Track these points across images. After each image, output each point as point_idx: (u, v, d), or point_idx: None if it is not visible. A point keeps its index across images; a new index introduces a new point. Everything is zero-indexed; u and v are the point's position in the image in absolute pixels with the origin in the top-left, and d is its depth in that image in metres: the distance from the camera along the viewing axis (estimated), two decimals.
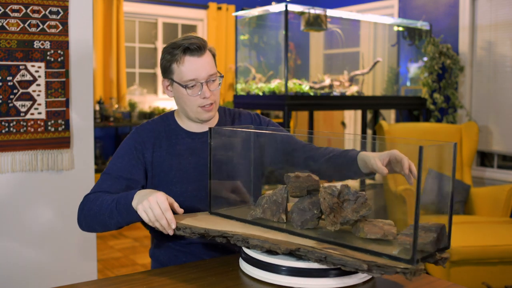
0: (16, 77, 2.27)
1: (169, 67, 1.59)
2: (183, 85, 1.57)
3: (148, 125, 1.69)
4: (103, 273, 3.67)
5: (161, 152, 1.64)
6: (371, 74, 4.73)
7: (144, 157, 1.63)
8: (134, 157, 1.62)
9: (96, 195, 1.56)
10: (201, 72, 1.57)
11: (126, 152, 1.63)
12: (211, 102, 1.60)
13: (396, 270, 1.12)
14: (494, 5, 4.27)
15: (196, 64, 1.56)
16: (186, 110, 1.63)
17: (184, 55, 1.56)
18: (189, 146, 1.65)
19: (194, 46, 1.55)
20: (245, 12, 4.24)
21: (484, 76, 4.38)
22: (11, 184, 2.31)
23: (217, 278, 1.31)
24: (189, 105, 1.60)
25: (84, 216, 1.55)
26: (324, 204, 1.28)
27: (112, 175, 1.60)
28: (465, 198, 3.87)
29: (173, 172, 1.62)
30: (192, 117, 1.64)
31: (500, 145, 4.28)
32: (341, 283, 1.24)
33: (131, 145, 1.64)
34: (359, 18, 4.60)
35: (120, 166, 1.61)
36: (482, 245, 3.08)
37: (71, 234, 2.46)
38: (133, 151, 1.62)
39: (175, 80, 1.59)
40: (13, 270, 2.32)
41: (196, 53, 1.56)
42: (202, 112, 1.61)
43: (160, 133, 1.67)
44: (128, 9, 5.55)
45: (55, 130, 2.37)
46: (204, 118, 1.62)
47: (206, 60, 1.58)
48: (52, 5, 2.34)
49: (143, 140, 1.64)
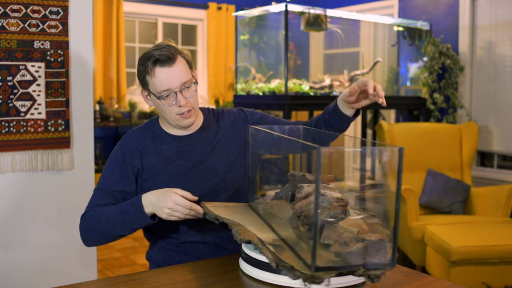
0: (16, 77, 2.27)
1: (144, 79, 1.59)
2: (158, 96, 1.57)
3: (133, 134, 1.70)
4: (103, 273, 3.67)
5: (149, 158, 1.65)
6: (371, 74, 4.73)
7: (133, 167, 1.64)
8: (124, 170, 1.64)
9: (96, 211, 1.58)
10: (174, 82, 1.56)
11: (115, 165, 1.65)
12: (188, 109, 1.60)
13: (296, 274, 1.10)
14: (494, 5, 4.27)
15: (167, 75, 1.55)
16: (166, 119, 1.64)
17: (155, 67, 1.55)
18: (176, 150, 1.67)
19: (164, 57, 1.54)
20: (245, 12, 4.24)
21: (484, 76, 4.38)
22: (11, 184, 2.31)
23: (217, 278, 1.31)
24: (167, 114, 1.61)
25: (90, 234, 1.59)
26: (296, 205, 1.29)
27: (105, 191, 1.63)
28: (465, 198, 3.87)
29: (161, 176, 1.64)
30: (172, 124, 1.65)
31: (500, 145, 4.28)
32: (341, 283, 1.24)
33: (119, 158, 1.66)
34: (359, 18, 4.60)
35: (112, 180, 1.63)
36: (482, 245, 3.08)
37: (71, 234, 2.46)
38: (122, 164, 1.64)
39: (151, 91, 1.60)
40: (13, 270, 2.32)
41: (166, 64, 1.55)
42: (181, 120, 1.61)
43: (146, 139, 1.68)
44: (128, 9, 5.55)
45: (55, 130, 2.37)
46: (184, 125, 1.63)
47: (178, 69, 1.57)
48: (52, 5, 2.34)
49: (130, 150, 1.66)
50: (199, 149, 1.67)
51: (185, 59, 1.61)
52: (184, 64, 1.59)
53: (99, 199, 1.62)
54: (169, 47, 1.57)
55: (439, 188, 3.86)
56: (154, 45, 1.60)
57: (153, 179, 1.64)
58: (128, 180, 1.63)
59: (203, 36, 6.14)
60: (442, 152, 4.08)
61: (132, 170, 1.64)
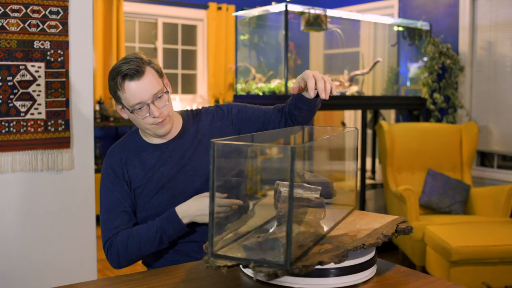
0: (16, 77, 2.27)
1: (115, 94, 1.59)
2: (131, 110, 1.58)
3: (115, 148, 1.71)
4: (103, 273, 3.67)
5: (135, 169, 1.67)
6: (371, 74, 4.73)
7: (125, 179, 1.67)
8: (121, 184, 1.66)
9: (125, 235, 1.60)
10: (144, 94, 1.56)
11: (112, 183, 1.66)
12: (162, 118, 1.60)
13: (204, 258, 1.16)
14: (494, 5, 4.27)
15: (137, 88, 1.55)
16: (143, 129, 1.66)
17: (124, 81, 1.55)
18: (158, 158, 1.68)
19: (132, 71, 1.53)
20: (245, 12, 4.24)
21: (484, 76, 4.38)
22: (11, 184, 2.31)
23: (217, 278, 1.31)
24: (143, 125, 1.62)
25: (125, 259, 1.61)
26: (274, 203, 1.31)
27: (115, 212, 1.64)
28: (465, 198, 3.87)
29: (148, 186, 1.65)
30: (149, 134, 1.66)
31: (500, 145, 4.28)
32: (341, 283, 1.24)
33: (111, 175, 1.67)
34: (359, 18, 4.60)
35: (115, 198, 1.65)
36: (482, 245, 3.08)
37: (71, 234, 2.46)
38: (117, 180, 1.66)
39: (124, 104, 1.60)
40: (14, 270, 2.32)
41: (135, 77, 1.54)
42: (157, 128, 1.62)
43: (129, 152, 1.69)
44: (128, 9, 5.55)
45: (55, 130, 2.37)
46: (161, 133, 1.63)
47: (147, 81, 1.56)
48: (52, 5, 2.34)
49: (117, 165, 1.68)
50: (181, 152, 1.68)
51: (154, 69, 1.60)
52: (153, 75, 1.59)
53: (113, 222, 1.63)
54: (137, 60, 1.56)
55: (439, 188, 3.86)
56: (123, 58, 1.59)
57: (141, 189, 1.65)
58: (127, 193, 1.66)
59: (203, 36, 6.14)
60: (442, 152, 4.08)
61: (126, 182, 1.67)
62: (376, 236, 1.30)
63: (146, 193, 1.64)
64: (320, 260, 1.16)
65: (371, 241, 1.27)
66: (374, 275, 1.33)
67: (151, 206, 1.64)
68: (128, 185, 1.66)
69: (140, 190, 1.65)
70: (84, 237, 2.49)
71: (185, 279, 1.32)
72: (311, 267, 1.14)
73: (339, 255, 1.19)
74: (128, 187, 1.66)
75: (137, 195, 1.66)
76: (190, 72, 6.21)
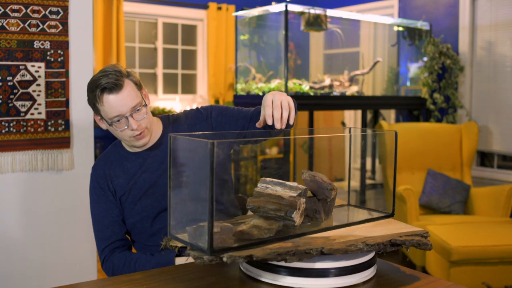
0: (16, 77, 2.27)
1: (94, 106, 1.61)
2: (109, 122, 1.60)
3: (99, 162, 1.75)
4: (103, 273, 3.67)
5: (118, 179, 1.70)
6: (371, 74, 4.73)
7: (110, 191, 1.71)
8: (106, 196, 1.70)
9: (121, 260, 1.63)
10: (123, 108, 1.57)
11: (98, 196, 1.71)
12: (141, 131, 1.62)
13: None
14: (494, 5, 4.27)
15: (116, 102, 1.56)
16: (122, 141, 1.71)
17: (102, 95, 1.56)
18: (140, 165, 1.71)
19: (110, 84, 1.55)
20: (245, 12, 4.24)
21: (484, 76, 4.38)
22: (11, 184, 2.31)
23: (217, 278, 1.31)
24: (121, 137, 1.65)
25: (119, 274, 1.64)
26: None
27: (103, 224, 1.68)
28: (465, 198, 3.87)
29: (132, 193, 1.69)
30: (129, 145, 1.70)
31: (500, 145, 4.28)
32: (341, 283, 1.24)
33: (96, 187, 1.71)
34: (359, 18, 4.60)
35: (101, 211, 1.69)
36: (482, 245, 3.08)
37: (71, 234, 2.46)
38: (101, 192, 1.70)
39: (102, 116, 1.62)
40: (14, 270, 2.32)
41: (114, 91, 1.56)
42: (135, 141, 1.64)
43: (111, 163, 1.73)
44: (128, 9, 5.55)
45: (55, 130, 2.37)
46: (138, 145, 1.66)
47: (126, 94, 1.57)
48: (52, 5, 2.34)
49: (101, 177, 1.71)
50: (161, 158, 1.70)
51: (133, 82, 1.60)
52: (132, 87, 1.59)
53: (105, 233, 1.68)
54: (115, 73, 1.56)
55: (439, 188, 3.85)
56: (101, 70, 1.60)
57: (125, 196, 1.69)
58: (113, 203, 1.70)
59: (203, 36, 6.14)
60: (442, 152, 4.08)
61: (111, 193, 1.70)
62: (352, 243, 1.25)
63: (131, 200, 1.68)
64: (251, 254, 1.16)
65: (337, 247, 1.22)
66: (374, 275, 1.33)
67: (136, 212, 1.68)
68: (114, 195, 1.70)
69: (125, 197, 1.69)
70: (84, 237, 2.49)
71: (185, 279, 1.32)
72: (239, 258, 1.14)
73: (283, 254, 1.18)
74: (113, 197, 1.70)
75: (123, 202, 1.70)
76: (190, 72, 6.21)
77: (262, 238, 1.23)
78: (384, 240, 1.27)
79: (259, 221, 1.28)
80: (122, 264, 1.63)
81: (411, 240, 1.30)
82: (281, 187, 1.30)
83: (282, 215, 1.27)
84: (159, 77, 5.94)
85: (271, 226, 1.27)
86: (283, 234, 1.29)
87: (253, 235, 1.23)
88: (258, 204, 1.29)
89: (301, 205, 1.30)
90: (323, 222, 1.41)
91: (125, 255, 1.65)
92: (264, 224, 1.26)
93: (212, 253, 1.13)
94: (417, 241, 1.30)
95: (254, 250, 1.18)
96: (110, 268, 1.66)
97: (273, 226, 1.27)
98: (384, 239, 1.28)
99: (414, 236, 1.32)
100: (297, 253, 1.18)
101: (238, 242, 1.21)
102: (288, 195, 1.29)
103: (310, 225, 1.38)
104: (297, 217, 1.29)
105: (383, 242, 1.26)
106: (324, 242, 1.26)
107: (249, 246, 1.20)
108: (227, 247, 1.16)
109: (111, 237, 1.67)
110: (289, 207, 1.27)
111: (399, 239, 1.29)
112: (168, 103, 5.86)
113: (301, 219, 1.33)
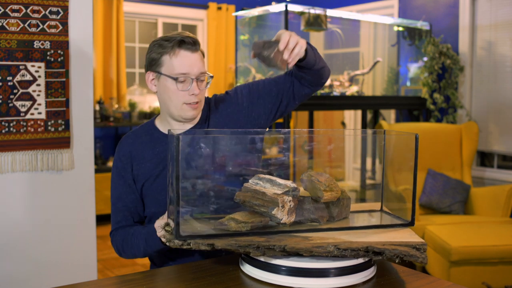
0: (16, 77, 2.27)
1: (159, 59, 1.52)
2: (174, 77, 1.51)
3: (127, 139, 1.65)
4: (103, 273, 3.67)
5: (146, 163, 1.60)
6: (371, 74, 4.73)
7: (132, 173, 1.62)
8: (125, 179, 1.61)
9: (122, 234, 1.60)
10: (194, 67, 1.51)
11: (118, 176, 1.63)
12: (197, 100, 1.54)
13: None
14: (494, 5, 4.27)
15: (189, 59, 1.51)
16: (170, 107, 1.56)
17: (179, 48, 1.50)
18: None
19: (190, 40, 1.51)
20: (245, 12, 4.24)
21: (484, 76, 4.38)
22: (11, 184, 2.31)
23: (217, 278, 1.31)
24: (174, 100, 1.54)
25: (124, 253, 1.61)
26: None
27: (117, 207, 1.63)
28: (465, 198, 3.87)
29: (158, 180, 1.59)
30: (175, 114, 1.57)
31: (500, 145, 4.28)
32: (341, 283, 1.24)
33: (118, 167, 1.63)
34: (359, 18, 4.60)
35: (118, 193, 1.63)
36: (482, 245, 3.08)
37: (71, 234, 2.46)
38: (122, 173, 1.62)
39: (163, 72, 1.53)
40: (14, 270, 2.32)
41: (190, 48, 1.51)
42: (187, 109, 1.54)
43: (142, 143, 1.62)
44: (128, 9, 5.54)
45: (55, 130, 2.37)
46: (188, 116, 1.56)
47: (199, 57, 1.54)
48: (52, 5, 2.34)
49: (125, 157, 1.62)
50: None
51: (202, 54, 1.58)
52: (201, 57, 1.56)
53: (116, 216, 1.63)
54: (192, 37, 1.53)
55: (439, 188, 3.85)
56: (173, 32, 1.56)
57: (149, 183, 1.60)
58: (131, 189, 1.61)
59: (203, 36, 6.14)
60: (442, 152, 4.08)
61: (131, 177, 1.61)
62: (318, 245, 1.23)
63: (155, 188, 1.59)
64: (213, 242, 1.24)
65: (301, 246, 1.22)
66: (374, 275, 1.33)
67: (160, 203, 1.58)
68: (134, 180, 1.61)
69: (148, 184, 1.59)
70: (84, 237, 2.49)
71: (185, 279, 1.32)
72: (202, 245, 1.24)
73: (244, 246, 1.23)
74: (133, 181, 1.61)
75: (145, 189, 1.60)
76: None
77: (239, 230, 1.29)
78: (360, 246, 1.23)
79: (239, 214, 1.32)
80: (121, 242, 1.59)
81: (392, 249, 1.23)
82: (270, 184, 1.32)
83: (265, 211, 1.31)
84: None
85: (248, 220, 1.30)
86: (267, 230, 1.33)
87: (230, 226, 1.29)
88: (244, 198, 1.34)
89: (286, 203, 1.30)
90: (323, 224, 1.41)
91: (124, 232, 1.60)
92: (242, 218, 1.30)
93: (179, 238, 1.26)
94: (403, 252, 1.23)
95: (218, 240, 1.25)
96: (116, 248, 1.62)
97: (251, 220, 1.30)
98: (361, 245, 1.23)
99: (403, 247, 1.26)
100: (260, 247, 1.22)
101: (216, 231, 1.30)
102: (272, 192, 1.30)
103: (304, 226, 1.37)
104: (281, 215, 1.30)
105: (357, 248, 1.22)
106: (298, 241, 1.25)
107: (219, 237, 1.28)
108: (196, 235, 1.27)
109: (121, 221, 1.61)
110: (271, 203, 1.29)
111: (376, 247, 1.23)
112: None
113: (290, 217, 1.34)
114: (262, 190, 1.32)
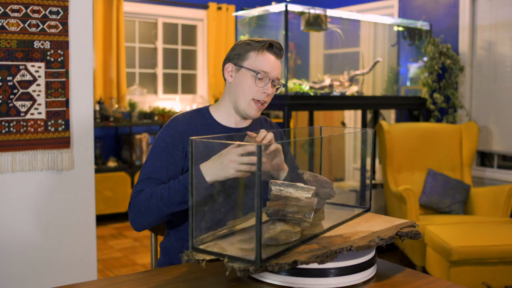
0: (16, 77, 2.27)
1: (245, 54, 1.65)
2: (256, 71, 1.63)
3: (182, 118, 1.70)
4: (103, 273, 3.67)
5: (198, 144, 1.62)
6: (371, 74, 4.73)
7: (183, 151, 1.63)
8: (172, 155, 1.62)
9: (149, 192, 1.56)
10: (274, 70, 1.65)
11: (164, 150, 1.63)
12: (265, 100, 1.67)
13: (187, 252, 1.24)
14: (494, 5, 4.27)
15: (273, 61, 1.66)
16: (239, 99, 1.67)
17: (267, 50, 1.65)
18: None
19: (277, 45, 1.66)
20: (245, 12, 4.24)
21: (484, 76, 4.38)
22: (11, 184, 2.31)
23: (218, 278, 1.31)
24: (246, 93, 1.65)
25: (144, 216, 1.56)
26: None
27: (153, 179, 1.61)
28: (465, 198, 3.87)
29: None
30: (240, 108, 1.68)
31: (500, 145, 4.28)
32: (341, 283, 1.24)
33: (167, 142, 1.63)
34: (359, 18, 4.60)
35: (159, 166, 1.61)
36: (482, 245, 3.08)
37: (71, 234, 2.46)
38: (170, 148, 1.62)
39: (245, 66, 1.65)
40: (14, 270, 2.32)
41: (276, 53, 1.67)
42: (253, 108, 1.67)
43: (196, 125, 1.69)
44: (128, 9, 5.55)
45: (55, 130, 2.37)
46: (251, 114, 1.68)
47: (280, 64, 1.69)
48: (52, 5, 2.34)
49: (180, 134, 1.64)
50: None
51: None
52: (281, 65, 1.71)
53: (144, 183, 1.60)
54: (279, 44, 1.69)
55: (439, 188, 3.85)
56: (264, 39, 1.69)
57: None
58: (175, 165, 1.62)
59: (203, 36, 6.14)
60: (442, 152, 4.08)
61: (181, 154, 1.63)
62: (369, 239, 1.30)
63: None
64: (296, 259, 1.17)
65: (361, 243, 1.26)
66: (374, 275, 1.33)
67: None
68: (185, 157, 1.63)
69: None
70: (84, 237, 2.49)
71: (185, 279, 1.32)
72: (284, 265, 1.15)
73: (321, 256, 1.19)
74: (182, 157, 1.63)
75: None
76: (190, 72, 6.21)
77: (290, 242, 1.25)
78: (393, 233, 1.35)
79: (284, 225, 1.26)
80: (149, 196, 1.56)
81: (410, 231, 1.40)
82: (293, 189, 1.30)
83: (300, 217, 1.27)
84: (159, 77, 5.94)
85: (296, 230, 1.27)
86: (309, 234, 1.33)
87: (281, 240, 1.24)
88: (278, 207, 1.27)
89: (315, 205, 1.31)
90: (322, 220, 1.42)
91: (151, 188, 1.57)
92: (290, 228, 1.26)
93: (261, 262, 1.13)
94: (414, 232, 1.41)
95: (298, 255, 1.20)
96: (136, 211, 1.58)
97: (297, 229, 1.28)
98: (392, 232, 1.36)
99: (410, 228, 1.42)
100: (330, 254, 1.21)
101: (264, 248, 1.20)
102: (304, 196, 1.29)
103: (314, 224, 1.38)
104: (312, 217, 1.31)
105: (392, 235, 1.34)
106: (343, 240, 1.30)
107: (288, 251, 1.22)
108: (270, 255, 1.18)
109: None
110: (307, 208, 1.28)
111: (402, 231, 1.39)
112: (168, 103, 5.86)
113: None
114: (294, 195, 1.29)
